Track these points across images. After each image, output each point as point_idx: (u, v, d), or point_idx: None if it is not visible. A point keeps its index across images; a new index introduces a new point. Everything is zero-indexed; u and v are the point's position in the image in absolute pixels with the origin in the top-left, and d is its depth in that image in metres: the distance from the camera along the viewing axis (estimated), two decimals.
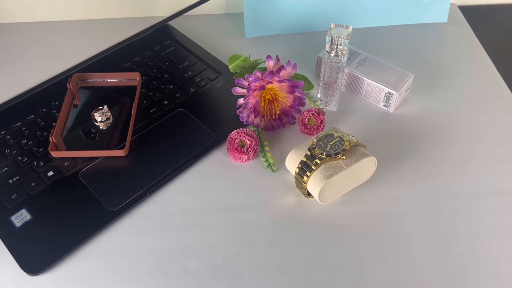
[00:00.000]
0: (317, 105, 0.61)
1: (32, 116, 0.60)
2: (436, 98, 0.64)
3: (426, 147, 0.58)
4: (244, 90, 0.57)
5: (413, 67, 0.68)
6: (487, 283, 0.47)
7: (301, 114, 0.59)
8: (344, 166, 0.49)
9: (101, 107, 0.59)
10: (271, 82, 0.56)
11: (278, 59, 0.57)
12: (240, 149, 0.56)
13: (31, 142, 0.57)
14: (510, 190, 0.54)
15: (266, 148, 0.58)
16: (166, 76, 0.66)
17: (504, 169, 0.56)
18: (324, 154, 0.49)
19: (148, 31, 0.67)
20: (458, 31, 0.75)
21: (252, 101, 0.56)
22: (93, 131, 0.58)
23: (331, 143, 0.50)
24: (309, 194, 0.52)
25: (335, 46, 0.55)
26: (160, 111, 0.61)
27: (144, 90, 0.64)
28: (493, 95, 0.65)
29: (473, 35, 0.75)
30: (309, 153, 0.50)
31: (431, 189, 0.54)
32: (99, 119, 0.58)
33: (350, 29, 0.55)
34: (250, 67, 0.64)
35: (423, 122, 0.61)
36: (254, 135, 0.57)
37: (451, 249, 0.49)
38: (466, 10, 0.79)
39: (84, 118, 0.59)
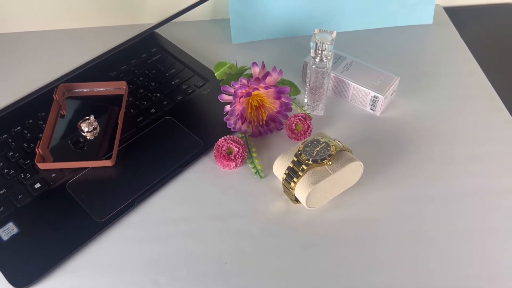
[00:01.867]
0: (304, 110, 0.61)
1: (19, 127, 0.60)
2: (423, 99, 0.65)
3: (414, 149, 0.59)
4: (231, 97, 0.57)
5: (399, 69, 0.69)
6: (475, 283, 0.47)
7: (288, 120, 0.59)
8: (330, 171, 0.50)
9: (87, 117, 0.59)
10: (257, 89, 0.56)
11: (263, 66, 0.57)
12: (227, 156, 0.56)
13: (17, 154, 0.57)
14: (499, 190, 0.55)
15: (254, 155, 0.58)
16: (153, 84, 0.66)
17: (494, 169, 0.57)
18: (311, 159, 0.50)
19: (135, 39, 0.67)
20: (443, 32, 0.76)
21: (238, 107, 0.56)
22: (80, 141, 0.58)
23: (317, 148, 0.51)
24: (297, 200, 0.52)
25: (320, 52, 0.55)
26: (147, 119, 0.61)
27: (131, 98, 0.64)
28: (479, 94, 0.65)
29: (458, 36, 0.75)
30: (295, 159, 0.51)
31: (420, 191, 0.55)
32: (85, 129, 0.58)
33: (334, 34, 0.55)
34: (236, 74, 0.64)
35: (410, 124, 0.62)
36: (242, 142, 0.57)
37: (440, 250, 0.50)
38: (451, 11, 0.80)
39: (71, 128, 0.59)
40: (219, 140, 0.57)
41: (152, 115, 0.62)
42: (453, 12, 0.80)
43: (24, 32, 0.76)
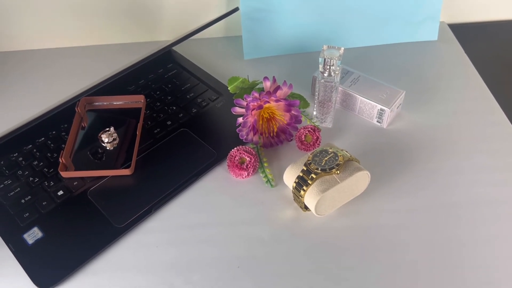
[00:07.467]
0: (313, 122, 0.64)
1: (43, 138, 0.64)
2: (428, 113, 0.67)
3: (418, 160, 0.61)
4: (243, 110, 0.60)
5: (405, 84, 0.71)
6: None
7: (298, 131, 0.62)
8: (338, 180, 0.52)
9: (108, 129, 0.62)
10: (269, 102, 0.59)
11: (274, 80, 0.60)
12: (240, 165, 0.58)
13: (42, 163, 0.60)
14: (502, 199, 0.56)
15: (265, 164, 0.60)
16: (169, 97, 0.69)
17: (494, 179, 0.58)
18: (319, 169, 0.52)
19: (153, 56, 0.70)
20: (448, 48, 0.78)
21: (251, 120, 0.59)
22: (100, 151, 0.61)
23: (326, 158, 0.53)
24: (306, 208, 0.55)
25: (328, 67, 0.58)
26: (164, 131, 0.64)
27: (148, 111, 0.67)
28: (482, 108, 0.68)
29: (463, 51, 0.78)
30: (305, 168, 0.53)
31: (424, 200, 0.56)
32: (106, 140, 0.61)
33: (342, 50, 0.58)
34: (248, 88, 0.67)
35: (415, 136, 0.64)
36: (253, 152, 0.59)
37: (446, 259, 0.51)
38: (456, 28, 0.83)
39: (92, 139, 0.62)
40: (232, 150, 0.59)
41: (168, 127, 0.65)
42: (457, 29, 0.82)
43: (48, 49, 0.81)
